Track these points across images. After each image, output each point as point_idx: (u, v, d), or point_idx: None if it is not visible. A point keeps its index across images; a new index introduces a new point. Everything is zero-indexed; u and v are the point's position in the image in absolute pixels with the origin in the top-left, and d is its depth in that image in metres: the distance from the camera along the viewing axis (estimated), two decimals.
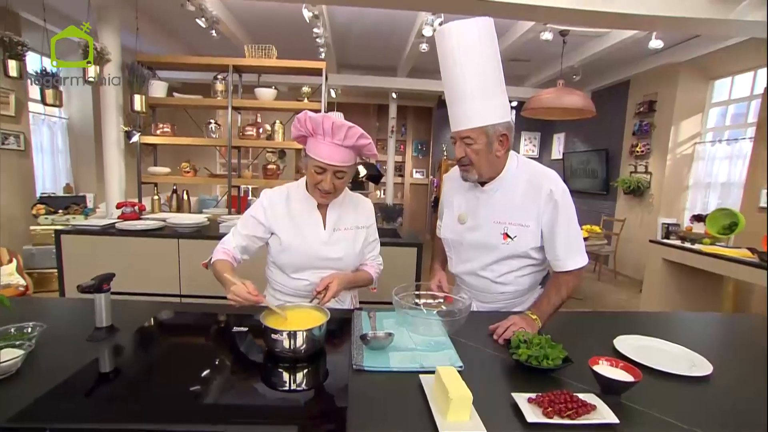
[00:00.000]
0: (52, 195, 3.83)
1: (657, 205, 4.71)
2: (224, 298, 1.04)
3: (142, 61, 3.23)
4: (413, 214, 8.48)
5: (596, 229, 4.15)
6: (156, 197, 3.79)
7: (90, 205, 4.05)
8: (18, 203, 3.77)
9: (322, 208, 1.27)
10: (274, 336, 0.89)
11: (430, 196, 7.77)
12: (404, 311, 1.07)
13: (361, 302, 1.49)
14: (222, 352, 0.98)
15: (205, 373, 0.86)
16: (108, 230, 2.39)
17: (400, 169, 8.32)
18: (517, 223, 1.18)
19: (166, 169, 3.73)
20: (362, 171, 4.44)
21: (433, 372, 0.86)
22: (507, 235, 1.19)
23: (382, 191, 8.13)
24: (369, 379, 0.86)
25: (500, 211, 1.20)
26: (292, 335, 0.89)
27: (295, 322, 0.97)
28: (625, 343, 1.06)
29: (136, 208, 2.82)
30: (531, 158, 1.64)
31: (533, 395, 0.78)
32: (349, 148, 1.15)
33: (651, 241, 3.39)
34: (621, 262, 5.22)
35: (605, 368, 0.86)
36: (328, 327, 0.97)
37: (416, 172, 8.39)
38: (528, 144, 7.49)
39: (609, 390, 0.81)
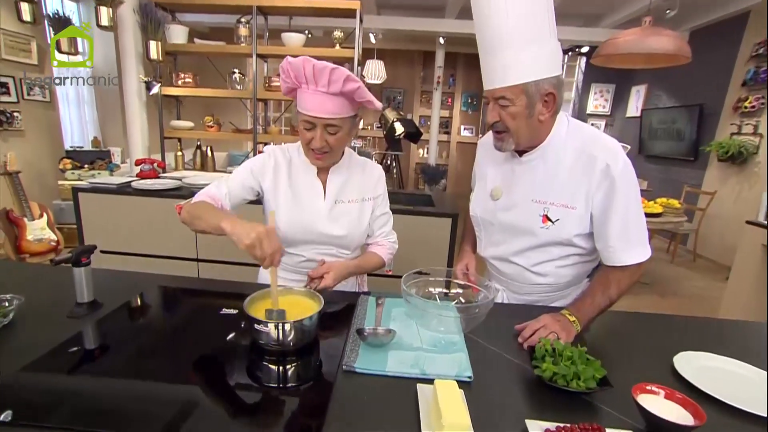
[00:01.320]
0: (79, 149, 4.04)
1: (764, 176, 4.18)
2: (244, 264, 0.99)
3: (159, 2, 3.20)
4: (459, 176, 8.26)
5: (674, 203, 3.78)
6: (179, 153, 3.89)
7: (116, 159, 4.24)
8: (47, 157, 4.02)
9: (323, 174, 1.20)
10: (258, 327, 0.85)
11: None
12: (413, 302, 0.99)
13: (380, 276, 1.42)
14: (205, 336, 0.96)
15: (182, 360, 0.85)
16: (124, 189, 2.48)
17: (446, 125, 8.03)
18: (560, 204, 1.06)
19: (190, 124, 3.79)
20: (399, 128, 4.28)
21: (432, 382, 0.79)
22: (547, 218, 1.07)
23: (425, 150, 7.93)
24: (359, 383, 0.81)
25: (541, 188, 1.08)
26: (279, 326, 0.85)
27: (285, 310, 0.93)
28: (689, 364, 0.90)
29: (155, 165, 2.90)
30: (601, 116, 1.44)
31: (553, 426, 0.68)
32: (338, 96, 1.05)
33: (749, 222, 3.02)
34: (704, 243, 4.79)
35: (656, 400, 0.72)
36: (327, 312, 0.95)
37: (464, 129, 8.06)
38: (598, 98, 6.89)
39: None
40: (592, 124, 7.17)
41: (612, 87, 6.79)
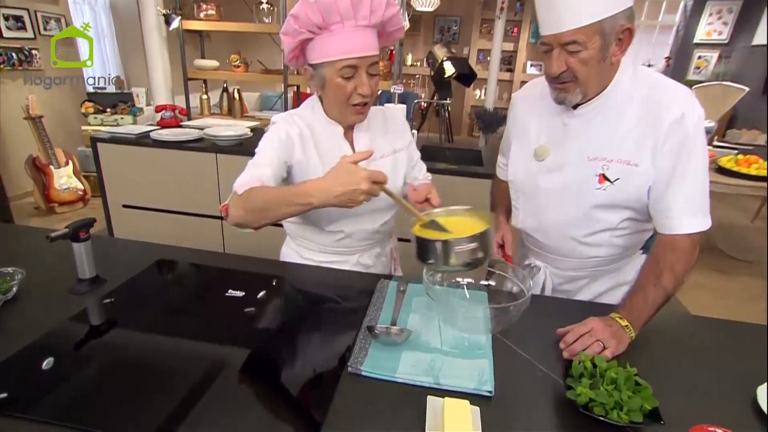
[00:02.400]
0: (101, 91, 4.19)
1: None
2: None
3: None
4: None
5: None
6: (204, 97, 3.95)
7: (141, 102, 4.38)
8: (70, 100, 4.21)
9: (347, 134, 1.18)
10: (458, 248, 0.84)
11: None
12: (436, 296, 0.97)
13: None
14: (207, 319, 1.00)
15: (181, 345, 0.90)
16: (142, 140, 2.56)
17: (508, 61, 7.58)
18: (621, 161, 1.03)
19: (215, 63, 3.81)
20: (449, 69, 4.06)
21: (445, 395, 0.78)
22: (605, 178, 1.04)
23: (482, 91, 7.58)
24: (364, 388, 0.81)
25: (598, 143, 1.05)
26: (479, 237, 0.85)
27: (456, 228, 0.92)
28: None
29: (177, 112, 2.96)
30: (714, 45, 1.29)
31: None
32: (374, 27, 1.04)
33: None
34: None
35: None
36: (340, 299, 1.03)
37: (531, 65, 7.58)
38: (714, 21, 6.15)
39: None
40: (699, 57, 6.53)
41: (736, 6, 6.00)
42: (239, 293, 1.08)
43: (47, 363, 0.82)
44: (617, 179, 1.04)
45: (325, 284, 1.18)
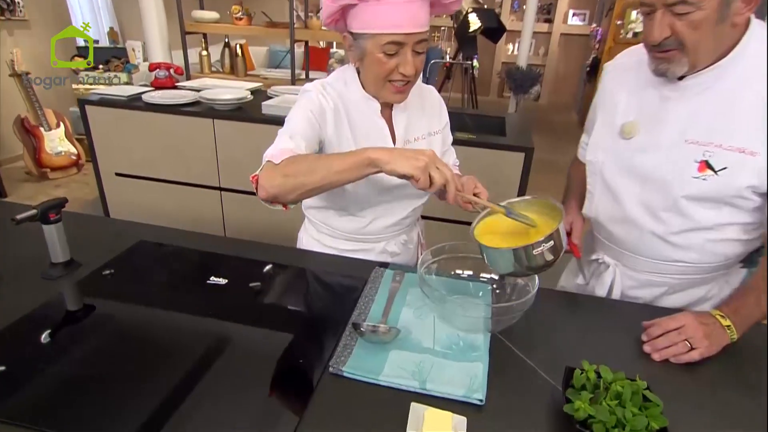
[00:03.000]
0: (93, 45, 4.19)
1: None
2: None
3: None
4: (559, 82, 7.68)
5: None
6: (204, 53, 3.94)
7: (138, 57, 4.39)
8: (58, 54, 4.22)
9: (385, 111, 1.17)
10: (536, 250, 0.86)
11: (587, 58, 6.81)
12: (430, 292, 0.97)
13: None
14: (186, 309, 1.02)
15: (153, 338, 0.93)
16: (134, 103, 2.58)
17: (547, 10, 7.30)
18: (734, 147, 0.94)
19: (214, 15, 3.77)
20: (474, 22, 3.92)
21: (432, 402, 0.78)
22: (707, 165, 0.96)
23: (515, 46, 7.35)
24: (345, 390, 0.83)
25: (704, 123, 0.97)
26: (554, 236, 0.86)
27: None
28: None
29: (172, 71, 2.96)
30: None
31: None
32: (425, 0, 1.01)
33: None
34: None
35: None
36: (329, 290, 1.08)
37: (574, 15, 7.29)
38: None
39: None
40: None
41: None
42: (221, 281, 1.10)
43: (12, 356, 0.85)
44: (723, 169, 0.95)
45: (319, 272, 1.20)
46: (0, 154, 3.79)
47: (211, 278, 1.11)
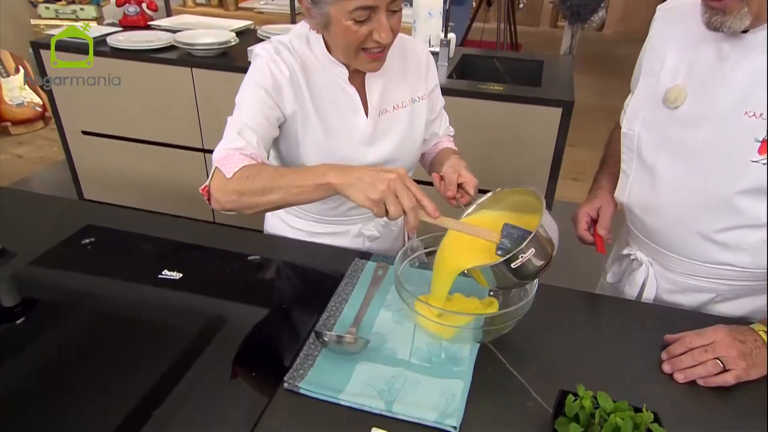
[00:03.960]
0: None
1: None
2: None
3: None
4: (628, 5, 7.37)
5: None
6: None
7: None
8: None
9: (357, 77, 1.17)
10: (515, 263, 0.85)
11: None
12: (410, 299, 0.98)
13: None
14: (134, 308, 1.07)
15: (93, 342, 0.97)
16: (98, 48, 2.58)
17: None
18: None
19: None
20: None
21: (397, 427, 0.80)
22: None
23: None
24: (300, 410, 0.85)
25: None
26: (535, 242, 0.84)
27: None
28: None
29: (144, 6, 2.94)
30: None
31: None
32: None
33: None
34: None
35: None
36: (303, 283, 1.13)
37: None
38: None
39: None
40: None
41: None
42: (175, 275, 1.14)
43: None
44: None
45: (289, 265, 1.23)
46: None
47: (163, 272, 1.14)
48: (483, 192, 1.06)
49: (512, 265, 0.85)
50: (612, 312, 1.12)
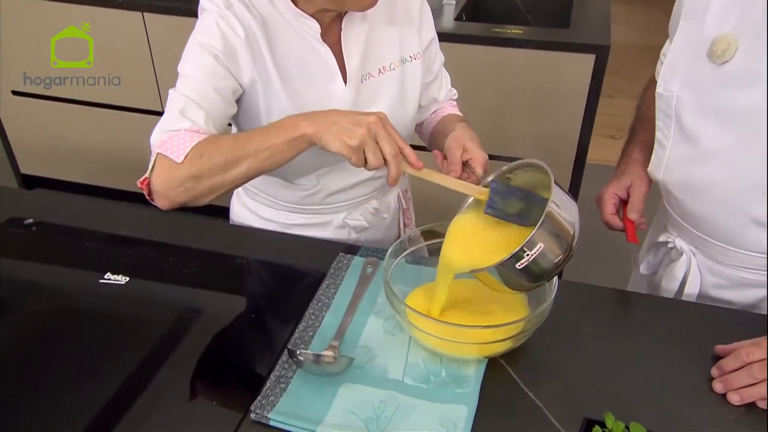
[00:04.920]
0: None
1: None
2: None
3: None
4: None
5: None
6: None
7: None
8: None
9: (331, 34, 1.14)
10: (521, 263, 0.82)
11: None
12: (401, 306, 0.95)
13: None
14: (68, 319, 1.06)
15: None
16: None
17: None
18: None
19: None
20: None
21: None
22: None
23: None
24: None
25: None
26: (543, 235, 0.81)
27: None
28: None
29: None
30: None
31: None
32: None
33: None
34: None
35: None
36: (277, 287, 1.12)
37: None
38: None
39: None
40: None
41: None
42: (120, 279, 1.12)
43: None
44: None
45: (259, 263, 1.22)
46: None
47: (106, 275, 1.12)
48: (496, 159, 1.03)
49: (518, 266, 0.82)
50: (647, 314, 1.11)
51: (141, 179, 1.00)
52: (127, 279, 1.12)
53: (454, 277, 0.97)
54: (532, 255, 0.80)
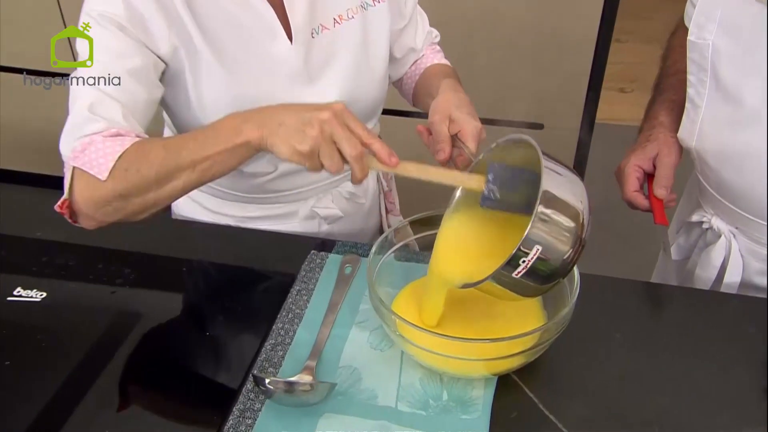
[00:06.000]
0: None
1: None
2: None
3: None
4: None
5: None
6: None
7: None
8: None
9: None
10: (518, 271, 0.80)
11: None
12: (390, 317, 0.94)
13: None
14: None
15: None
16: None
17: None
18: None
19: None
20: None
21: None
22: None
23: None
24: None
25: None
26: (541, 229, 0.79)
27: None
28: None
29: None
30: None
31: None
32: None
33: None
34: None
35: None
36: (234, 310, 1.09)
37: None
38: None
39: None
40: None
41: None
42: (35, 296, 1.09)
43: None
44: None
45: (214, 266, 1.21)
46: None
47: (16, 290, 1.10)
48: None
49: (516, 275, 0.80)
50: (682, 310, 1.11)
51: (59, 202, 0.97)
52: (43, 295, 1.09)
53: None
54: (530, 260, 0.78)
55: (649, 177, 1.22)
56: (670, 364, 1.00)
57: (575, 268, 0.92)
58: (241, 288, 1.15)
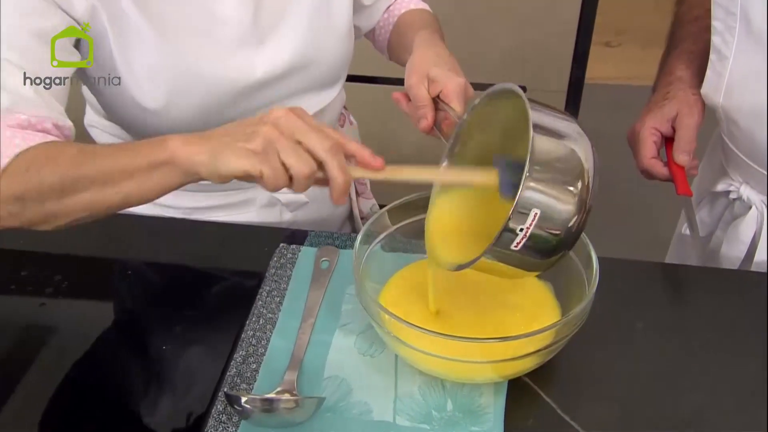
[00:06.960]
0: None
1: None
2: None
3: None
4: None
5: None
6: None
7: None
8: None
9: None
10: (515, 244, 0.78)
11: None
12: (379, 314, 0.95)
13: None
14: None
15: None
16: None
17: None
18: None
19: None
20: None
21: None
22: None
23: None
24: None
25: None
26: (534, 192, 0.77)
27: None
28: None
29: None
30: None
31: None
32: None
33: None
34: None
35: None
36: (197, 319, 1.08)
37: None
38: None
39: None
40: None
41: None
42: None
43: None
44: None
45: (167, 268, 1.20)
46: None
47: None
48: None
49: (514, 247, 0.78)
50: (710, 294, 1.12)
51: None
52: None
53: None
54: (528, 228, 0.77)
55: (667, 141, 1.21)
56: (703, 356, 1.01)
57: (592, 251, 0.94)
58: (200, 292, 1.14)
